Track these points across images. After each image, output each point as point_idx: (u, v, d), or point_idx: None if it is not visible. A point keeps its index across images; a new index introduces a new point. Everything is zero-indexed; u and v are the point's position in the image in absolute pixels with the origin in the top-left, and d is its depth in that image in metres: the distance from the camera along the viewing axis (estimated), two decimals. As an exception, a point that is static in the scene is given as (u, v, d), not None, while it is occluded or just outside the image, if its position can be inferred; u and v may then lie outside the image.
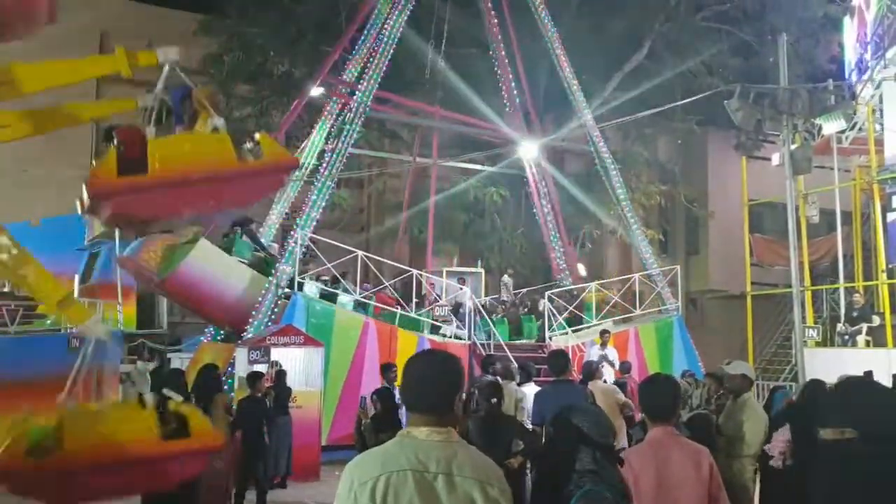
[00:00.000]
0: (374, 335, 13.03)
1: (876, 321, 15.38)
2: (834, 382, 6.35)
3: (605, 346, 13.03)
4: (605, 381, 10.52)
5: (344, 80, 16.13)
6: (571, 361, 9.13)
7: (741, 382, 6.21)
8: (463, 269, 18.62)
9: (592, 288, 16.47)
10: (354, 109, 15.00)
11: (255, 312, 12.76)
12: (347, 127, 14.98)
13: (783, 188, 13.49)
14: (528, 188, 19.20)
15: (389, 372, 10.01)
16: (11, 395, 11.75)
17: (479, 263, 19.78)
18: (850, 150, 18.64)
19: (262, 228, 15.85)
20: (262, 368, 10.11)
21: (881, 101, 16.97)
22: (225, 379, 11.17)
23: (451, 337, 14.12)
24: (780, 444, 5.64)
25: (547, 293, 15.88)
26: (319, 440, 10.90)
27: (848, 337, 15.73)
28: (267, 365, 10.50)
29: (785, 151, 13.12)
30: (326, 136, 16.26)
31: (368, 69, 15.31)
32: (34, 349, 12.28)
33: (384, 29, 15.57)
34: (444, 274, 17.02)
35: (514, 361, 11.16)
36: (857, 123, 17.36)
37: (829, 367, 11.10)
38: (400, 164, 20.65)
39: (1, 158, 15.98)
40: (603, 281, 17.30)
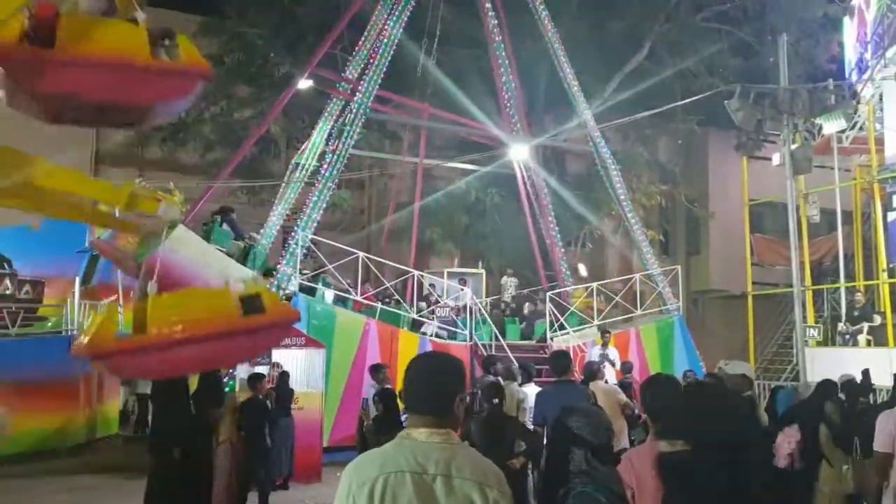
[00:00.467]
0: (375, 336, 13.02)
1: (877, 320, 15.38)
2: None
3: (606, 346, 13.02)
4: (606, 381, 10.50)
5: (345, 77, 16.14)
6: (573, 362, 9.13)
7: (741, 382, 6.21)
8: (464, 269, 18.60)
9: (589, 293, 16.43)
10: (355, 110, 15.01)
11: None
12: (348, 128, 15.00)
13: (784, 188, 13.48)
14: (529, 188, 19.20)
15: (379, 372, 10.04)
16: (13, 396, 11.82)
17: (479, 264, 19.78)
18: (850, 149, 18.65)
19: (262, 229, 15.86)
20: (263, 370, 10.11)
21: (881, 100, 16.98)
22: (226, 381, 11.18)
23: (433, 335, 14.11)
24: (789, 445, 5.62)
25: (547, 294, 15.87)
26: (321, 441, 10.89)
27: (849, 336, 15.74)
28: (268, 366, 10.49)
29: (785, 151, 13.11)
30: (327, 137, 16.27)
31: (368, 70, 15.32)
32: (35, 351, 12.31)
33: (384, 30, 15.58)
34: (444, 275, 17.01)
35: (515, 362, 11.15)
36: (857, 123, 17.36)
37: (830, 366, 11.08)
38: (401, 165, 20.66)
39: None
40: (604, 281, 17.28)
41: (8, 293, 13.19)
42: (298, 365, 11.02)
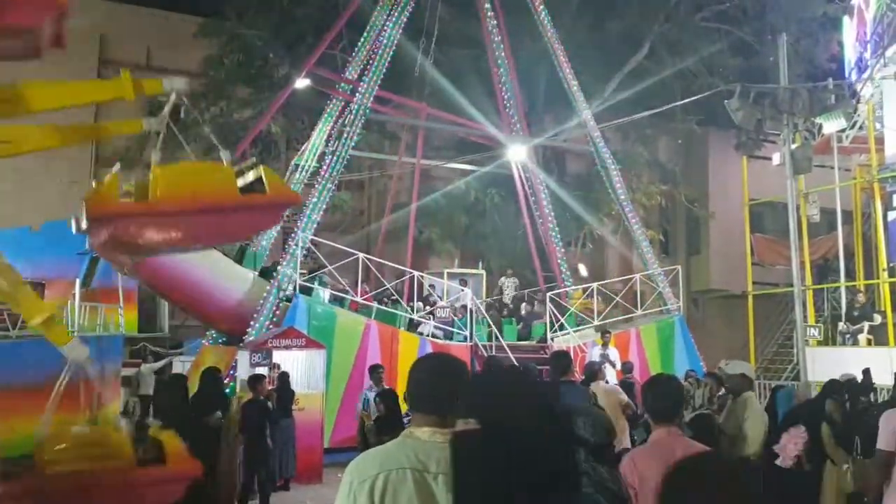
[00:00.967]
0: (375, 337, 13.03)
1: (877, 320, 15.39)
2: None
3: (606, 346, 13.03)
4: (606, 381, 10.49)
5: (345, 77, 16.14)
6: (573, 362, 9.12)
7: (740, 382, 6.21)
8: (464, 270, 18.59)
9: (589, 294, 16.42)
10: (354, 111, 15.01)
11: (256, 315, 12.76)
12: (347, 129, 15.00)
13: (784, 188, 13.47)
14: (527, 189, 19.20)
15: (375, 373, 10.05)
16: (12, 399, 11.79)
17: (479, 265, 19.77)
18: (850, 148, 18.66)
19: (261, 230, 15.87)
20: (263, 371, 10.11)
21: (881, 99, 16.98)
22: (227, 382, 11.18)
23: (429, 335, 14.12)
24: (796, 445, 5.62)
25: (547, 294, 15.87)
26: (322, 442, 10.89)
27: (849, 336, 15.74)
28: (268, 368, 10.49)
29: (785, 151, 13.09)
30: (326, 138, 16.27)
31: (368, 70, 15.32)
32: (35, 354, 12.28)
33: (383, 31, 15.58)
34: (444, 275, 17.01)
35: (515, 362, 11.15)
36: (857, 122, 17.37)
37: (830, 366, 11.08)
38: (400, 165, 20.65)
39: (1, 163, 15.97)
40: (604, 282, 17.27)
41: (8, 295, 13.18)
42: (299, 366, 11.03)
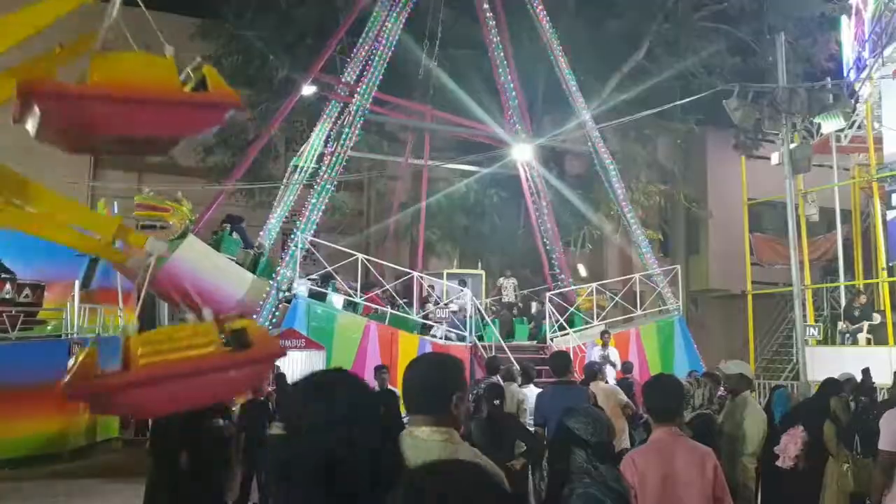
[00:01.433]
0: (375, 338, 13.02)
1: (877, 319, 15.39)
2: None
3: (605, 346, 13.03)
4: (606, 381, 10.50)
5: (343, 81, 16.14)
6: (573, 362, 9.13)
7: (739, 381, 6.21)
8: (463, 270, 18.59)
9: (591, 292, 16.42)
10: (353, 112, 15.01)
11: (255, 316, 12.76)
12: (346, 130, 15.00)
13: (782, 187, 13.49)
14: (535, 188, 19.20)
15: (381, 373, 10.05)
16: (12, 400, 11.80)
17: (479, 265, 19.77)
18: (849, 148, 18.68)
19: (262, 232, 15.87)
20: (263, 372, 10.10)
21: (880, 98, 16.99)
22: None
23: (442, 338, 14.12)
24: (796, 445, 5.61)
25: (547, 294, 15.87)
26: (321, 443, 10.88)
27: (849, 335, 15.75)
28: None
29: (784, 150, 13.11)
30: (325, 139, 16.27)
31: (367, 72, 15.32)
32: (35, 355, 12.29)
33: (382, 32, 15.58)
34: (444, 276, 17.01)
35: (515, 363, 11.15)
36: (855, 122, 17.38)
37: (830, 365, 11.09)
38: (399, 166, 20.65)
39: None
40: (603, 282, 17.27)
41: (8, 297, 13.18)
42: (298, 367, 11.02)
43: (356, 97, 15.14)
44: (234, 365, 4.37)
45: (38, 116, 4.08)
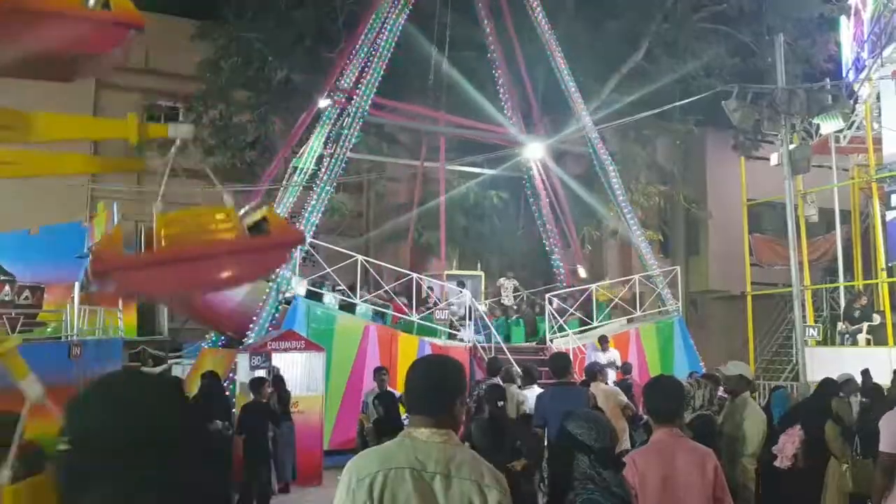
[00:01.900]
0: (374, 339, 13.03)
1: (876, 320, 15.39)
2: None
3: (606, 350, 13.02)
4: (606, 383, 10.50)
5: (343, 87, 16.14)
6: (573, 363, 9.14)
7: (738, 382, 6.21)
8: (463, 272, 18.59)
9: (597, 287, 16.47)
10: (352, 114, 15.01)
11: (255, 318, 12.76)
12: (346, 131, 15.00)
13: (782, 188, 13.49)
14: (527, 190, 19.21)
15: (380, 374, 10.06)
16: (13, 402, 11.78)
17: (478, 266, 19.77)
18: (848, 149, 18.69)
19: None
20: (262, 374, 10.10)
21: (878, 99, 17.00)
22: (227, 385, 11.18)
23: (468, 341, 14.18)
24: (793, 445, 5.61)
25: (548, 295, 15.87)
26: (321, 445, 10.89)
27: (848, 336, 15.74)
28: (266, 370, 10.49)
29: (783, 151, 13.12)
30: (325, 140, 16.26)
31: (366, 73, 15.33)
32: (35, 357, 12.26)
33: (381, 33, 15.59)
34: (444, 277, 17.01)
35: (514, 364, 11.16)
36: (854, 122, 17.39)
37: (829, 366, 11.09)
38: (399, 168, 20.64)
39: None
40: (603, 282, 17.27)
41: (7, 299, 13.17)
42: (298, 369, 11.03)
43: (355, 99, 15.15)
44: (254, 248, 4.44)
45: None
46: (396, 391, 9.44)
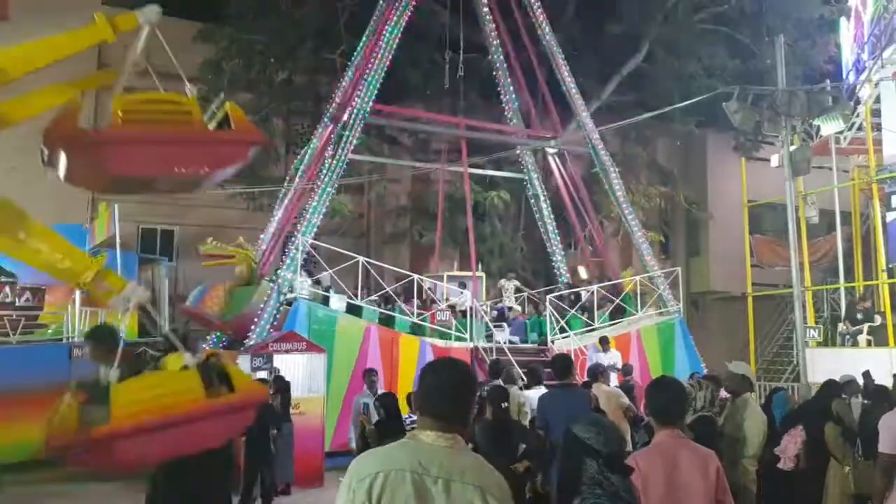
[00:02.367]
0: (375, 341, 13.03)
1: (877, 321, 15.39)
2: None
3: (607, 352, 13.02)
4: (608, 384, 10.49)
5: (340, 88, 16.19)
6: (574, 364, 9.13)
7: (742, 383, 6.21)
8: (463, 273, 18.58)
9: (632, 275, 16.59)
10: (353, 116, 15.02)
11: (257, 319, 12.77)
12: (347, 133, 15.01)
13: (782, 189, 13.49)
14: (528, 191, 19.21)
15: (370, 376, 10.06)
16: (13, 404, 11.79)
17: (479, 267, 19.75)
18: (848, 150, 18.69)
19: (261, 234, 15.87)
20: (264, 375, 10.10)
21: (879, 100, 17.01)
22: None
23: (505, 343, 14.28)
24: (795, 446, 5.61)
25: (549, 297, 15.87)
26: (322, 446, 10.89)
27: (849, 336, 15.75)
28: (267, 372, 10.49)
29: (784, 152, 13.11)
30: (325, 142, 16.27)
31: (366, 74, 15.34)
32: (36, 359, 12.30)
33: (382, 34, 15.60)
34: (444, 278, 17.01)
35: (516, 366, 11.16)
36: (855, 123, 17.39)
37: (830, 367, 11.09)
38: (400, 169, 20.64)
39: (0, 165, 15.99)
40: (603, 284, 17.26)
41: (8, 301, 13.20)
42: (299, 370, 11.03)
43: (355, 101, 15.16)
44: (217, 413, 4.24)
45: (64, 162, 4.09)
46: (396, 392, 9.43)
